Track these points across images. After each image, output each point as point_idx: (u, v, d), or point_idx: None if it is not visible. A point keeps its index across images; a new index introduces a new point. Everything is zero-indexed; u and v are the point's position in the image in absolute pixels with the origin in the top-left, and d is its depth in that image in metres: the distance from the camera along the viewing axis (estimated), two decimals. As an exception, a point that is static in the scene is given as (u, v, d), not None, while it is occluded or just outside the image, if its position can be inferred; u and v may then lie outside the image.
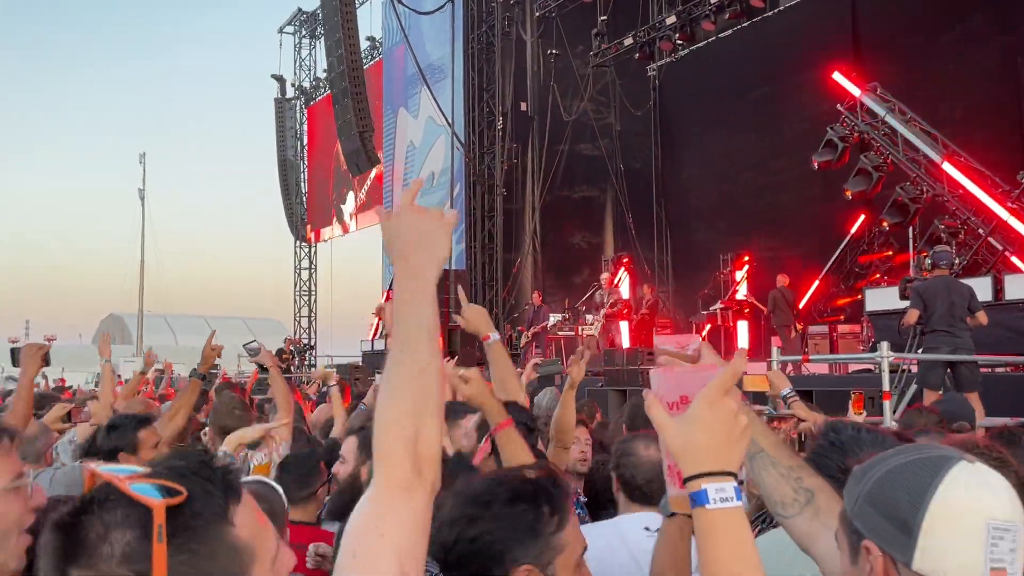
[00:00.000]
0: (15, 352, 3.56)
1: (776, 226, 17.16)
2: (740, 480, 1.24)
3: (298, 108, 31.46)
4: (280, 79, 30.93)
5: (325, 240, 31.05)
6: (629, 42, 18.10)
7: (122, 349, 40.23)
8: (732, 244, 17.31)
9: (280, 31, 31.23)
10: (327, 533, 3.23)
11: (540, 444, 4.21)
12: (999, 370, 9.79)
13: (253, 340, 4.87)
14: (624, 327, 15.74)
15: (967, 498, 1.19)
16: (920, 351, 7.96)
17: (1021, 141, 13.27)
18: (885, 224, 13.74)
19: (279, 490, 2.83)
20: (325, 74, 25.81)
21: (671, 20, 16.97)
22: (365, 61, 23.53)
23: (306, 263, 31.26)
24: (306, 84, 31.31)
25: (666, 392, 1.31)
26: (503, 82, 20.64)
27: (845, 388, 7.48)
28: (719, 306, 15.99)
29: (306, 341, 29.36)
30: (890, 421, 6.29)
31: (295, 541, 2.93)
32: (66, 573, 0.98)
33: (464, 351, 12.55)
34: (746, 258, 16.76)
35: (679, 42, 17.39)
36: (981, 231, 12.43)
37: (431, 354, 1.24)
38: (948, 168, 12.80)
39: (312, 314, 30.64)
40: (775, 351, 7.76)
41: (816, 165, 14.45)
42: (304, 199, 31.42)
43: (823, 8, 16.47)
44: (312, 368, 25.00)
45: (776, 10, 16.25)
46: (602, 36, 18.63)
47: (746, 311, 15.78)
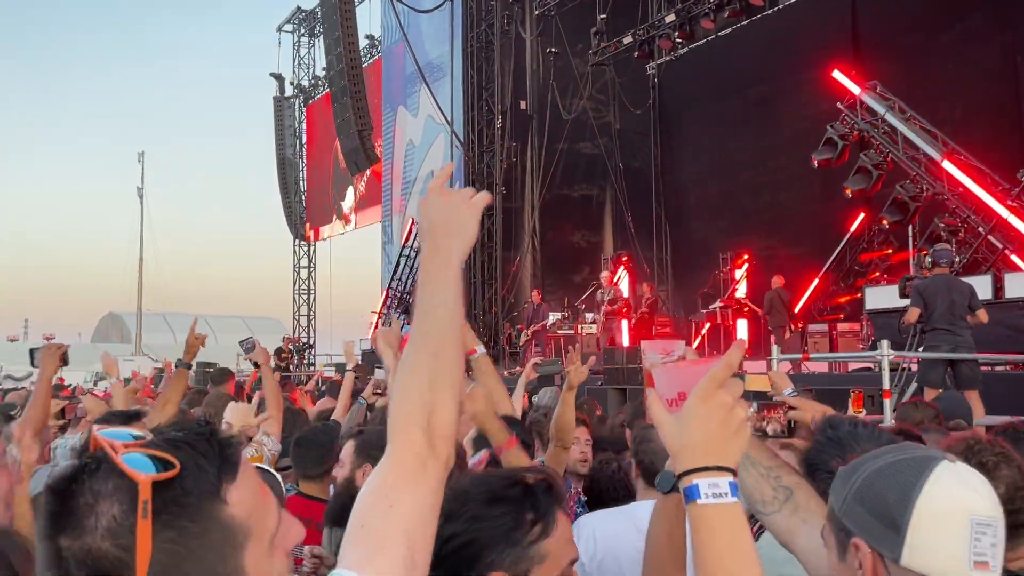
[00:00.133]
0: (34, 352, 3.57)
1: (776, 224, 17.16)
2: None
3: (297, 107, 31.43)
4: (279, 78, 30.92)
5: (324, 239, 31.02)
6: (628, 40, 18.07)
7: (121, 348, 40.27)
8: (731, 242, 17.31)
9: (279, 30, 31.21)
10: None
11: (538, 443, 4.22)
12: (999, 368, 9.80)
13: (249, 337, 4.86)
14: (624, 325, 15.73)
15: (951, 496, 1.24)
16: (920, 349, 7.96)
17: (1021, 139, 13.27)
18: (885, 222, 13.73)
19: (278, 478, 2.83)
20: (324, 72, 25.80)
21: (670, 18, 16.94)
22: (364, 59, 23.51)
23: (305, 262, 31.24)
24: (305, 83, 31.29)
25: (665, 389, 1.30)
26: (502, 80, 20.62)
27: (845, 387, 7.48)
28: (718, 305, 15.98)
29: (305, 340, 29.34)
30: (890, 420, 6.28)
31: (307, 517, 2.93)
32: (54, 539, 0.94)
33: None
34: (745, 256, 16.74)
35: (678, 40, 17.37)
36: (981, 229, 12.42)
37: (451, 333, 1.25)
38: (948, 166, 12.79)
39: (311, 312, 30.62)
40: (775, 349, 7.76)
41: (816, 163, 14.44)
42: (303, 197, 31.39)
43: (823, 6, 16.46)
44: (311, 367, 24.99)
45: (775, 8, 16.21)
46: (601, 34, 18.60)
47: (745, 309, 15.78)
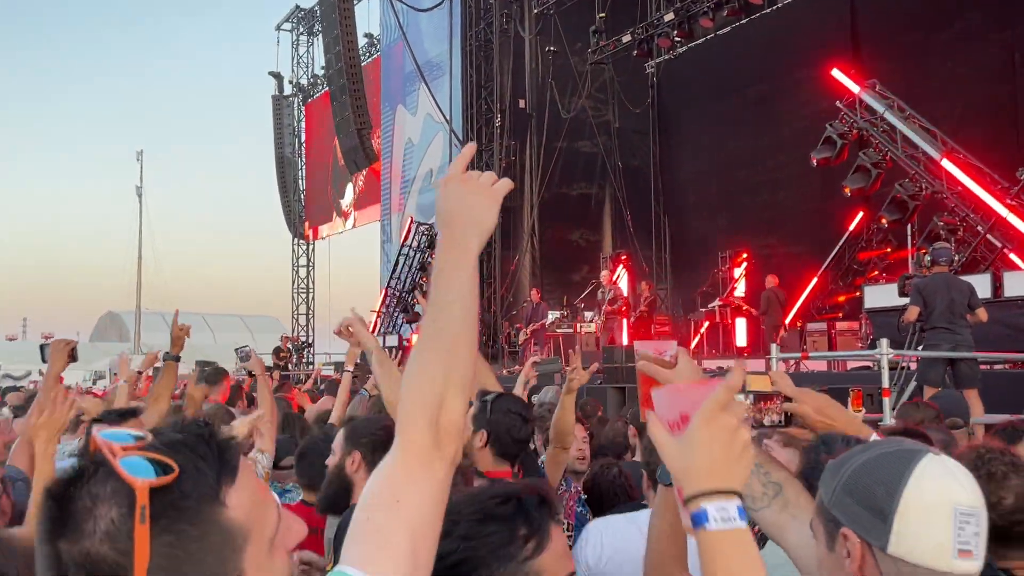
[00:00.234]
0: (44, 348, 3.59)
1: (774, 223, 17.15)
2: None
3: (296, 105, 31.41)
4: (278, 76, 30.90)
5: (323, 237, 31.01)
6: (627, 39, 18.08)
7: (120, 347, 40.23)
8: (730, 241, 17.30)
9: (278, 28, 31.18)
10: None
11: (538, 440, 4.24)
12: (997, 367, 9.80)
13: (245, 345, 4.84)
14: (623, 325, 15.72)
15: (936, 487, 1.27)
16: (920, 348, 7.96)
17: (1019, 138, 13.26)
18: (884, 221, 13.72)
19: (276, 501, 2.83)
20: (323, 71, 25.80)
21: (669, 17, 16.95)
22: (363, 58, 23.50)
23: (304, 260, 31.23)
24: (304, 81, 31.26)
25: (666, 411, 1.27)
26: (501, 79, 20.63)
27: (844, 385, 7.47)
28: (717, 304, 15.98)
29: (304, 338, 29.33)
30: (889, 418, 6.29)
31: (313, 525, 2.93)
32: (54, 543, 0.94)
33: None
34: (744, 255, 16.74)
35: (677, 39, 17.37)
36: (980, 228, 12.42)
37: (465, 328, 1.21)
38: (947, 165, 12.79)
39: (310, 311, 30.61)
40: (774, 348, 7.75)
41: (815, 162, 14.44)
42: (302, 196, 31.38)
43: (822, 5, 16.45)
44: (310, 366, 24.98)
45: (774, 7, 16.22)
46: (600, 33, 18.61)
47: (744, 308, 15.78)
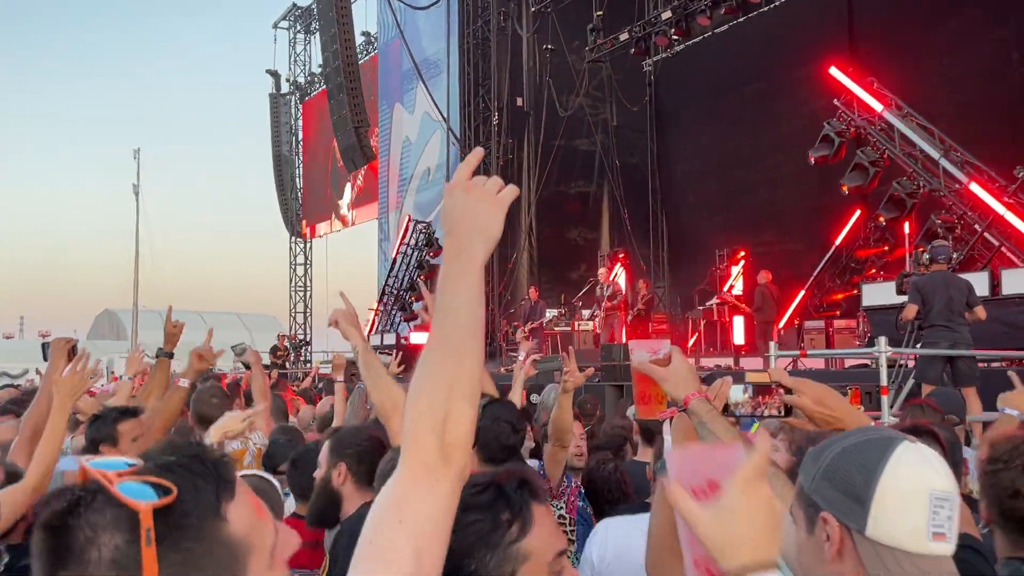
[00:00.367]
0: (46, 347, 3.60)
1: (772, 221, 17.16)
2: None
3: (293, 103, 31.37)
4: (275, 74, 30.85)
5: (320, 236, 30.99)
6: (625, 37, 18.07)
7: (117, 345, 40.19)
8: (728, 239, 17.31)
9: (275, 26, 31.12)
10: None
11: (532, 432, 4.33)
12: (995, 364, 9.79)
13: (241, 342, 4.90)
14: (622, 321, 15.74)
15: (912, 473, 1.31)
16: (919, 346, 7.96)
17: (1017, 136, 13.27)
18: (882, 219, 13.74)
19: (276, 484, 2.79)
20: (320, 69, 25.74)
21: (666, 15, 16.94)
22: (360, 56, 23.48)
23: (301, 259, 31.20)
24: (301, 79, 31.22)
25: (689, 476, 1.23)
26: (499, 77, 20.61)
27: (842, 383, 7.47)
28: (715, 302, 15.99)
29: (301, 337, 29.31)
30: (888, 416, 6.29)
31: (310, 538, 2.91)
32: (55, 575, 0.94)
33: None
34: (742, 253, 16.74)
35: (675, 37, 17.35)
36: (978, 226, 12.42)
37: (472, 337, 1.19)
38: (945, 163, 12.79)
39: (308, 310, 30.59)
40: (772, 346, 7.75)
41: (813, 160, 14.45)
42: (299, 194, 31.34)
43: (819, 3, 16.46)
44: (308, 364, 24.98)
45: (772, 5, 16.21)
46: (598, 31, 18.60)
47: (741, 306, 15.79)
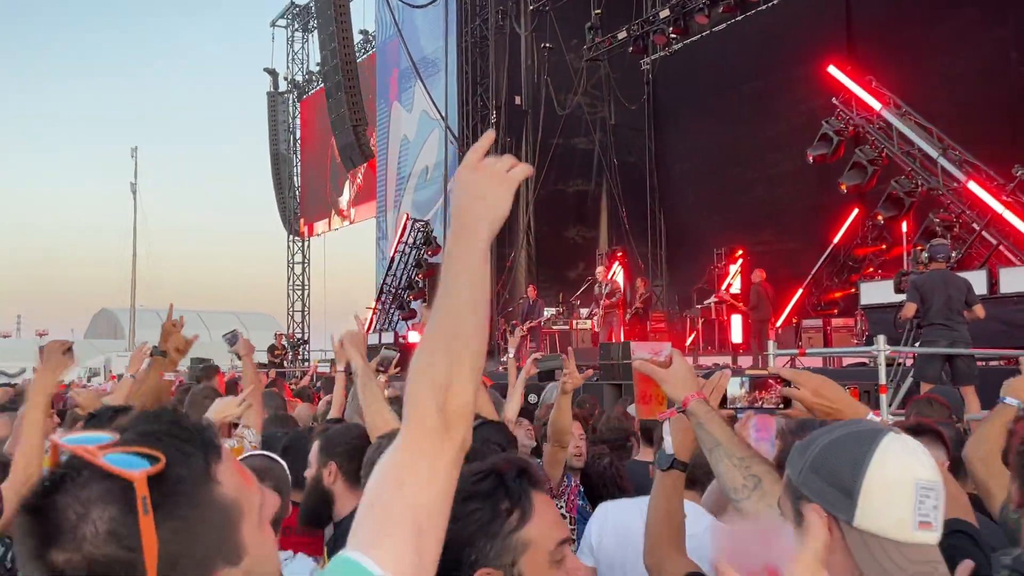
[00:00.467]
0: (42, 349, 3.59)
1: (770, 220, 17.16)
2: None
3: (291, 102, 31.35)
4: (273, 73, 30.83)
5: (318, 234, 30.98)
6: (623, 36, 18.05)
7: (114, 344, 40.19)
8: (726, 238, 17.29)
9: (273, 24, 31.10)
10: None
11: (532, 431, 4.35)
12: (992, 363, 9.80)
13: (232, 329, 4.81)
14: (619, 320, 15.73)
15: (898, 463, 1.34)
16: (917, 344, 7.97)
17: (1015, 134, 13.28)
18: (880, 218, 13.74)
19: (284, 465, 2.76)
20: (318, 68, 25.74)
21: (665, 14, 16.92)
22: (358, 55, 23.47)
23: (299, 257, 31.20)
24: (299, 78, 31.20)
25: (742, 558, 1.28)
26: (497, 76, 20.59)
27: (841, 382, 7.43)
28: (713, 300, 15.98)
29: (299, 336, 29.30)
30: (887, 414, 6.28)
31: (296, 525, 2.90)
32: (47, 557, 0.92)
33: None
34: (739, 252, 16.73)
35: (673, 36, 17.34)
36: (975, 225, 12.43)
37: (474, 315, 1.19)
38: (943, 162, 12.79)
39: (305, 308, 30.58)
40: (771, 345, 7.76)
41: (811, 159, 14.44)
42: (297, 193, 31.33)
43: (817, 1, 16.48)
44: (306, 363, 24.97)
45: (770, 4, 16.22)
46: (596, 30, 18.58)
47: (739, 305, 15.78)
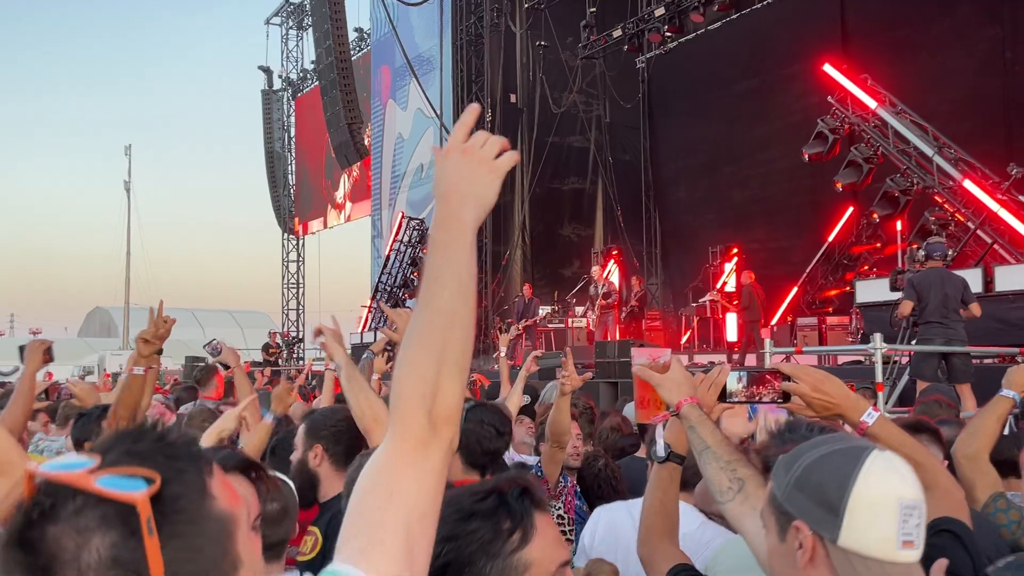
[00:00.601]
0: (22, 349, 3.60)
1: (765, 218, 17.18)
2: None
3: (285, 100, 31.29)
4: (267, 71, 30.78)
5: (313, 233, 30.94)
6: (618, 34, 18.05)
7: (108, 342, 40.08)
8: (721, 236, 17.32)
9: (267, 22, 31.05)
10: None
11: (528, 430, 4.36)
12: (987, 361, 9.81)
13: (213, 339, 4.77)
14: (615, 320, 15.72)
15: (882, 482, 1.35)
16: (913, 342, 7.97)
17: (1010, 133, 13.31)
18: (875, 216, 13.75)
19: (292, 486, 2.75)
20: (313, 66, 25.69)
21: (660, 12, 16.92)
22: (353, 52, 23.42)
23: (294, 255, 31.15)
24: (293, 76, 31.15)
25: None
26: (492, 74, 20.58)
27: (838, 380, 7.46)
28: (708, 298, 15.99)
29: (294, 334, 29.25)
30: (885, 412, 6.28)
31: (300, 520, 2.90)
32: None
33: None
34: (735, 250, 16.74)
35: (668, 34, 17.35)
36: (971, 223, 12.44)
37: (461, 304, 1.15)
38: (938, 160, 12.81)
39: (300, 306, 30.54)
40: (768, 343, 7.75)
41: (807, 157, 14.45)
42: (291, 191, 31.28)
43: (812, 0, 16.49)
44: (301, 361, 24.93)
45: (765, 2, 16.23)
46: (591, 28, 18.58)
47: (734, 303, 15.80)
